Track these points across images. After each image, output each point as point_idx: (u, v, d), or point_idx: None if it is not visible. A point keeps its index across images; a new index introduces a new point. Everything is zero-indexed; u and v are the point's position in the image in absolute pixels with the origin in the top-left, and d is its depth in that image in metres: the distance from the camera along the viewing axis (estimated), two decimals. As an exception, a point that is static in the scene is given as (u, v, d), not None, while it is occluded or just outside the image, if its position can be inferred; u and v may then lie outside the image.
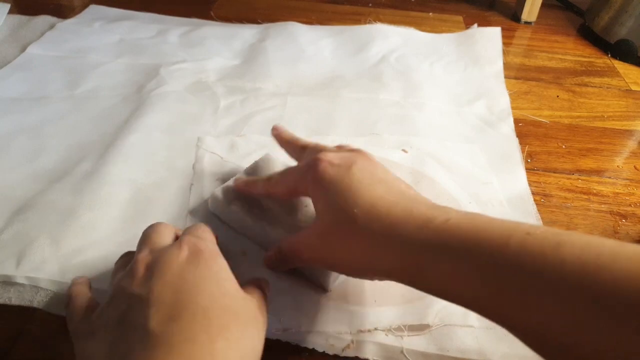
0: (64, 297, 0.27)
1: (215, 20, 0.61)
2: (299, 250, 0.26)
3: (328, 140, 0.40)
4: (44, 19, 0.57)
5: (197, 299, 0.20)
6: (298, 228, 0.29)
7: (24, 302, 0.27)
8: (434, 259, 0.20)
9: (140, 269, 0.21)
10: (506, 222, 0.19)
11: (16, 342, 0.26)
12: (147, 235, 0.24)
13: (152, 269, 0.21)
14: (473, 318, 0.27)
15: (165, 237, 0.24)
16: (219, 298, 0.21)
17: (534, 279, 0.17)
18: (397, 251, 0.21)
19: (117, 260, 0.26)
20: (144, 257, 0.22)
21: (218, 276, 0.22)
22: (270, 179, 0.29)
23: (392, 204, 0.22)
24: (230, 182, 0.32)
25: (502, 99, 0.49)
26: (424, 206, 0.22)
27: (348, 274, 0.25)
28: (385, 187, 0.23)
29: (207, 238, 0.24)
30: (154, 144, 0.39)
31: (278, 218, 0.30)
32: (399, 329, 0.27)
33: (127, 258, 0.25)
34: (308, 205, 0.31)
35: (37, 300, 0.27)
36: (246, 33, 0.57)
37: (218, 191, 0.32)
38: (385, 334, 0.26)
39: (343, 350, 0.26)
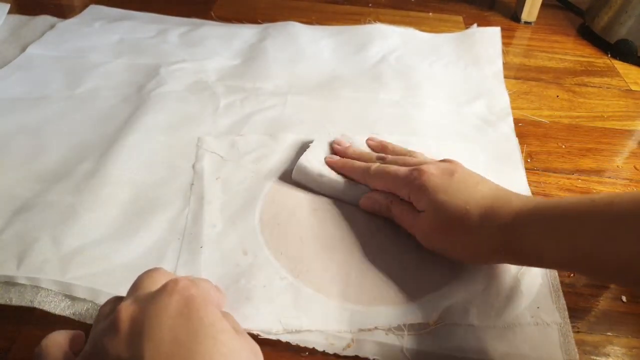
0: (64, 298, 0.27)
1: (215, 20, 0.61)
2: (409, 224, 0.31)
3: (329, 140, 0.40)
4: (44, 19, 0.57)
5: (185, 355, 0.18)
6: None
7: (25, 303, 0.27)
8: (529, 232, 0.25)
9: (124, 322, 0.19)
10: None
11: (16, 342, 0.26)
12: (138, 281, 0.22)
13: (138, 323, 0.19)
14: (473, 317, 0.27)
15: (158, 284, 0.21)
16: (215, 357, 0.19)
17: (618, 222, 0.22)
18: (500, 233, 0.26)
19: (103, 305, 0.22)
20: (127, 307, 0.20)
21: (213, 329, 0.19)
22: (369, 170, 0.33)
23: (494, 198, 0.27)
24: (311, 152, 0.36)
25: (501, 99, 0.49)
26: (515, 196, 0.27)
27: (457, 259, 0.29)
28: (484, 187, 0.28)
29: (199, 282, 0.23)
30: (154, 143, 0.39)
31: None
32: (399, 328, 0.27)
33: (115, 304, 0.22)
34: None
35: (38, 301, 0.27)
36: (246, 33, 0.57)
37: (303, 161, 0.35)
38: (386, 333, 0.26)
39: (343, 349, 0.26)
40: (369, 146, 0.38)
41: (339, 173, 0.35)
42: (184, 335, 0.19)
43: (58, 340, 0.22)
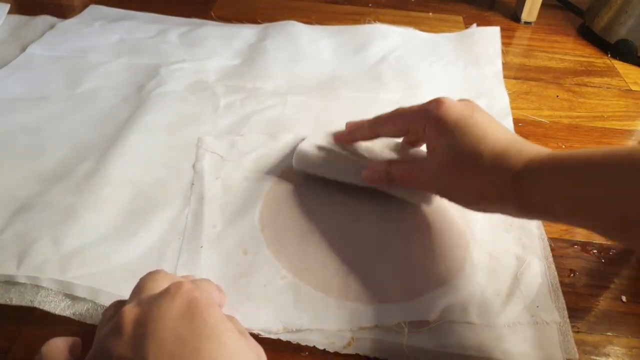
0: (64, 298, 0.27)
1: (215, 20, 0.61)
2: (412, 178, 0.30)
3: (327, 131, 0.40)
4: (44, 19, 0.57)
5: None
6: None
7: (25, 302, 0.27)
8: (541, 182, 0.24)
9: (128, 324, 0.19)
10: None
11: (16, 342, 0.26)
12: (140, 284, 0.22)
13: (142, 325, 0.19)
14: (473, 315, 0.27)
15: (161, 287, 0.21)
16: (218, 357, 0.19)
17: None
18: (510, 180, 0.25)
19: (106, 309, 0.23)
20: (131, 310, 0.20)
21: (217, 330, 0.20)
22: (378, 119, 0.32)
23: (509, 144, 0.26)
24: (309, 140, 0.35)
25: (501, 98, 0.49)
26: (530, 145, 0.26)
27: (462, 204, 0.28)
28: (500, 131, 0.27)
29: (202, 284, 0.23)
30: (154, 143, 0.39)
31: (371, 153, 0.34)
32: (399, 326, 0.27)
33: (117, 307, 0.22)
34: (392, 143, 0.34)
35: (38, 301, 0.27)
36: (246, 33, 0.57)
37: (302, 147, 0.35)
38: (386, 331, 0.26)
39: (344, 347, 0.26)
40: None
41: (341, 151, 0.34)
42: (187, 336, 0.19)
43: (58, 346, 0.22)
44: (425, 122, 0.29)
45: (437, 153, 0.28)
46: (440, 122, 0.28)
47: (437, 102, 0.28)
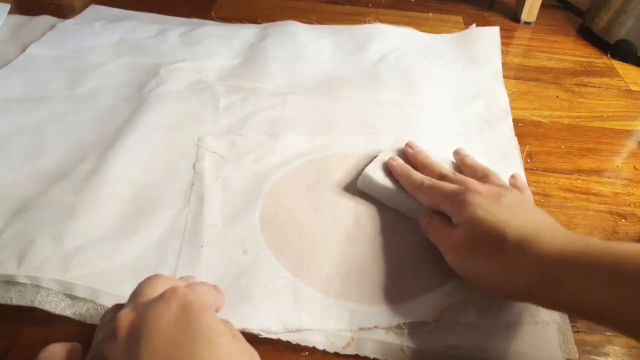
0: (64, 297, 0.27)
1: (215, 21, 0.61)
2: (441, 243, 0.29)
3: (328, 139, 0.41)
4: (44, 19, 0.57)
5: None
6: None
7: (25, 302, 0.27)
8: (572, 274, 0.22)
9: (123, 328, 0.19)
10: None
11: (16, 342, 0.26)
12: (138, 288, 0.22)
13: (136, 329, 0.19)
14: (473, 316, 0.27)
15: (158, 291, 0.22)
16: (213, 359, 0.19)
17: None
18: (538, 267, 0.23)
19: (104, 313, 0.23)
20: (126, 314, 0.20)
21: (210, 333, 0.20)
22: (422, 185, 0.31)
23: (540, 229, 0.25)
24: (377, 162, 0.35)
25: (501, 98, 0.49)
26: (563, 231, 0.25)
27: (483, 287, 0.27)
28: (530, 216, 0.27)
29: (198, 288, 0.23)
30: (154, 143, 0.39)
31: None
32: (399, 326, 0.27)
33: (115, 311, 0.22)
34: None
35: (38, 301, 0.27)
36: (246, 33, 0.57)
37: (369, 170, 0.35)
38: (386, 332, 0.26)
39: (343, 348, 0.26)
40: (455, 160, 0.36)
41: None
42: (181, 340, 0.19)
43: (56, 351, 0.22)
44: (451, 205, 0.29)
45: (461, 229, 0.27)
46: (463, 204, 0.28)
47: (464, 188, 0.29)
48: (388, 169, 0.35)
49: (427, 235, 0.31)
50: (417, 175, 0.33)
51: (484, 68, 0.53)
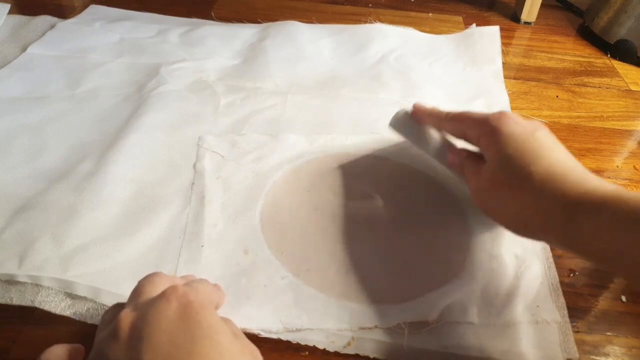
0: (64, 297, 0.27)
1: (216, 20, 0.61)
2: (468, 179, 0.29)
3: (328, 139, 0.41)
4: (44, 19, 0.57)
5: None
6: None
7: (25, 302, 0.27)
8: (597, 213, 0.22)
9: (125, 329, 0.19)
10: None
11: (16, 342, 0.26)
12: (139, 286, 0.22)
13: (137, 329, 0.19)
14: (473, 315, 0.27)
15: (159, 289, 0.22)
16: (213, 358, 0.19)
17: None
18: (562, 205, 0.23)
19: (104, 313, 0.23)
20: (127, 315, 0.20)
21: (211, 331, 0.20)
22: (448, 114, 0.31)
23: (568, 169, 0.24)
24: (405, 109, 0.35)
25: (501, 98, 0.49)
26: (594, 177, 0.24)
27: (502, 223, 0.27)
28: (564, 155, 0.25)
29: (199, 286, 0.23)
30: (154, 143, 0.39)
31: None
32: (399, 326, 0.27)
33: (116, 310, 0.22)
34: None
35: (38, 300, 0.27)
36: (246, 32, 0.57)
37: (402, 111, 0.35)
38: (386, 331, 0.26)
39: (344, 347, 0.26)
40: None
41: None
42: (181, 338, 0.19)
43: (58, 353, 0.22)
44: (480, 131, 0.28)
45: (487, 167, 0.27)
46: (494, 133, 0.26)
47: (499, 114, 0.27)
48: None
49: (452, 170, 0.30)
50: (442, 109, 0.32)
51: (484, 68, 0.53)
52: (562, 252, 0.33)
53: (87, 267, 0.29)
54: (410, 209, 0.34)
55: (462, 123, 0.29)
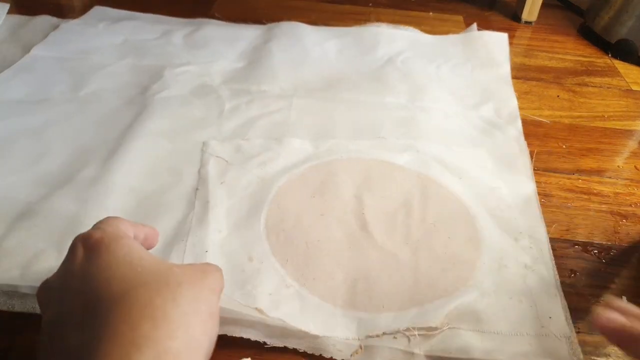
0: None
1: (216, 19, 0.61)
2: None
3: (333, 143, 0.40)
4: (44, 19, 0.57)
5: (109, 288, 0.17)
6: None
7: (27, 309, 0.27)
8: None
9: (40, 297, 0.19)
10: None
11: (16, 342, 0.26)
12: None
13: (53, 288, 0.19)
14: (482, 323, 0.27)
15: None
16: (136, 277, 0.18)
17: None
18: None
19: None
20: (41, 287, 0.20)
21: (130, 257, 0.19)
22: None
23: None
24: None
25: (510, 102, 0.48)
26: None
27: None
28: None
29: (106, 224, 0.21)
30: (158, 149, 0.39)
31: None
32: (407, 330, 0.27)
33: None
34: None
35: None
36: (251, 34, 0.57)
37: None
38: (394, 338, 0.26)
39: (351, 355, 0.26)
40: None
41: None
42: (93, 270, 0.18)
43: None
44: None
45: None
46: None
47: None
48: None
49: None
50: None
51: (492, 72, 0.53)
52: (563, 252, 0.33)
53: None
54: (419, 215, 0.34)
55: None
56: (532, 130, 0.46)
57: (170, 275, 0.18)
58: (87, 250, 0.19)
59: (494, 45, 0.57)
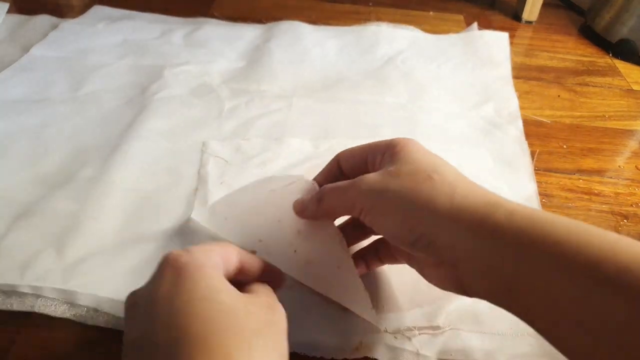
0: (64, 301, 0.27)
1: (216, 18, 0.61)
2: (345, 199, 0.25)
3: (333, 143, 0.40)
4: (43, 18, 0.57)
5: (191, 328, 0.18)
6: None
7: (25, 308, 0.27)
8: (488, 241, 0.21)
9: (129, 307, 0.20)
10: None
11: (16, 342, 0.26)
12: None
13: (138, 305, 0.20)
14: (483, 322, 0.27)
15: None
16: (214, 319, 0.18)
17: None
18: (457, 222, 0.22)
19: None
20: (130, 296, 0.21)
21: (208, 291, 0.19)
22: (321, 199, 0.26)
23: (468, 188, 0.24)
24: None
25: (510, 102, 0.48)
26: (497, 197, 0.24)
27: (386, 233, 0.24)
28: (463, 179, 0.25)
29: (193, 248, 0.22)
30: (158, 149, 0.39)
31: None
32: (408, 329, 0.27)
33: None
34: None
35: (38, 305, 0.27)
36: (250, 34, 0.56)
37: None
38: (395, 337, 0.26)
39: (352, 352, 0.26)
40: None
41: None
42: (179, 304, 0.19)
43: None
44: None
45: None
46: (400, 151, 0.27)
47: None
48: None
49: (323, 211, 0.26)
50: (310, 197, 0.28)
51: (493, 71, 0.53)
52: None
53: (89, 276, 0.28)
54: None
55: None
56: (533, 130, 0.45)
57: (246, 321, 0.19)
58: (173, 274, 0.20)
59: (494, 44, 0.57)
